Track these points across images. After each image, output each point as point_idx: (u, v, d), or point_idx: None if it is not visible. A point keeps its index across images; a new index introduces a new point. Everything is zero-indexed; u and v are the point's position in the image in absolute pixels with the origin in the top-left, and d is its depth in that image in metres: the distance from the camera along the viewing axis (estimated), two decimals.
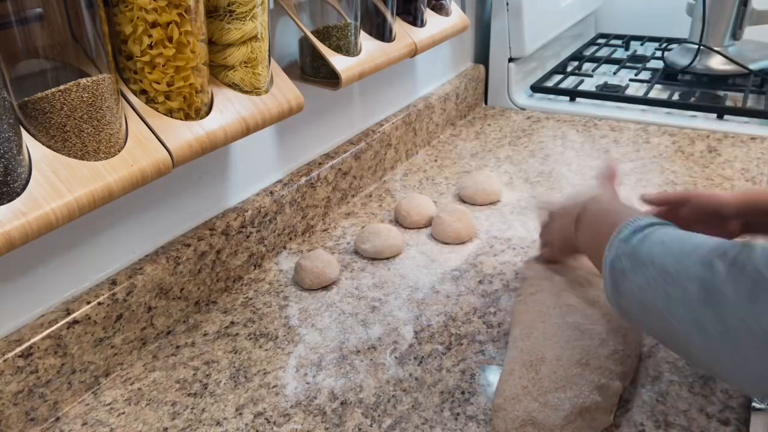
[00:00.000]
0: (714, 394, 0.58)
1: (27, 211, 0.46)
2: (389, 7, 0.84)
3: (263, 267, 0.82)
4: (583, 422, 0.52)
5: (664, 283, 0.45)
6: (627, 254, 0.50)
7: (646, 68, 1.42)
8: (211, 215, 0.76)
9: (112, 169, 0.51)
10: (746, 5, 1.31)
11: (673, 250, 0.47)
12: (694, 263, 0.44)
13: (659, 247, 0.48)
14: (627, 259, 0.49)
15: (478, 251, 0.83)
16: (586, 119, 1.24)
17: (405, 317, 0.71)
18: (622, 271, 0.50)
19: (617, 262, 0.50)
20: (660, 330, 0.47)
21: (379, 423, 0.57)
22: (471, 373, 0.62)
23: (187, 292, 0.71)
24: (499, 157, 1.11)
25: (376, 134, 1.01)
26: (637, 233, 0.51)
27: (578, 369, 0.55)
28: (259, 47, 0.62)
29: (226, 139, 0.61)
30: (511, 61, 1.31)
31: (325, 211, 0.92)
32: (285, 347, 0.67)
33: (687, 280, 0.44)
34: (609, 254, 0.51)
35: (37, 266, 0.58)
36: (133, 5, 0.51)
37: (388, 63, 0.84)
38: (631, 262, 0.49)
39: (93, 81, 0.49)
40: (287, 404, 0.60)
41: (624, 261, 0.50)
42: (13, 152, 0.45)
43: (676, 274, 0.45)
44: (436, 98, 1.17)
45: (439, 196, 0.98)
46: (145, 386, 0.63)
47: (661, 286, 0.46)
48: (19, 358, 0.55)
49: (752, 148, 1.07)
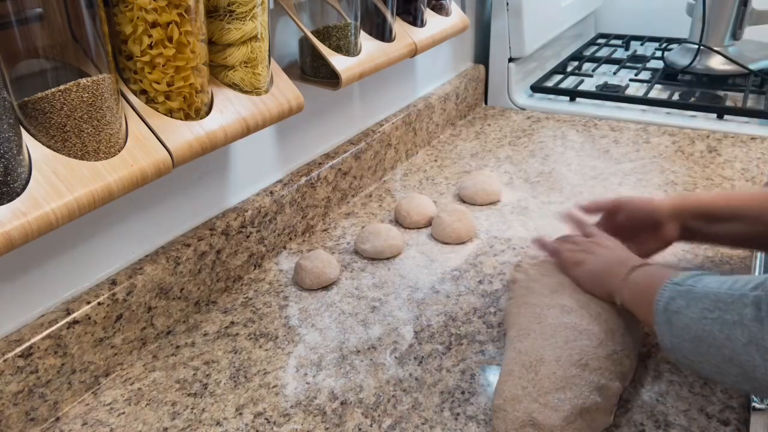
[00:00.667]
0: (714, 394, 0.58)
1: (27, 211, 0.46)
2: (389, 7, 0.84)
3: (263, 267, 0.82)
4: (583, 423, 0.52)
5: (720, 312, 0.46)
6: (682, 293, 0.50)
7: (646, 68, 1.42)
8: (211, 215, 0.76)
9: (112, 169, 0.51)
10: (746, 5, 1.31)
11: (729, 281, 0.48)
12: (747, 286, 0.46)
13: (714, 282, 0.49)
14: (682, 298, 0.50)
15: (478, 251, 0.83)
16: (586, 119, 1.24)
17: (405, 317, 0.71)
18: (677, 310, 0.50)
19: (671, 303, 0.51)
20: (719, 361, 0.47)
21: (379, 423, 0.57)
22: (471, 373, 0.62)
23: (187, 292, 0.71)
24: (499, 157, 1.11)
25: (376, 134, 1.01)
26: (690, 278, 0.52)
27: (577, 370, 0.55)
28: (259, 47, 0.62)
29: (226, 139, 0.61)
30: (511, 61, 1.31)
31: (325, 211, 0.92)
32: (285, 347, 0.67)
33: (741, 303, 0.45)
34: (662, 298, 0.52)
35: (37, 266, 0.58)
36: (133, 5, 0.51)
37: (388, 63, 0.84)
38: (686, 300, 0.50)
39: (93, 81, 0.49)
40: (287, 404, 0.60)
41: (679, 300, 0.50)
42: (13, 152, 0.45)
43: (731, 300, 0.46)
44: (436, 98, 1.17)
45: (439, 196, 0.98)
46: (145, 386, 0.63)
47: (717, 314, 0.47)
48: (19, 358, 0.55)
49: (752, 148, 1.07)
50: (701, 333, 0.47)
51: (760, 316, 0.44)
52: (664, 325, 0.51)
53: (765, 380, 0.44)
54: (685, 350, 0.50)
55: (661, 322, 0.51)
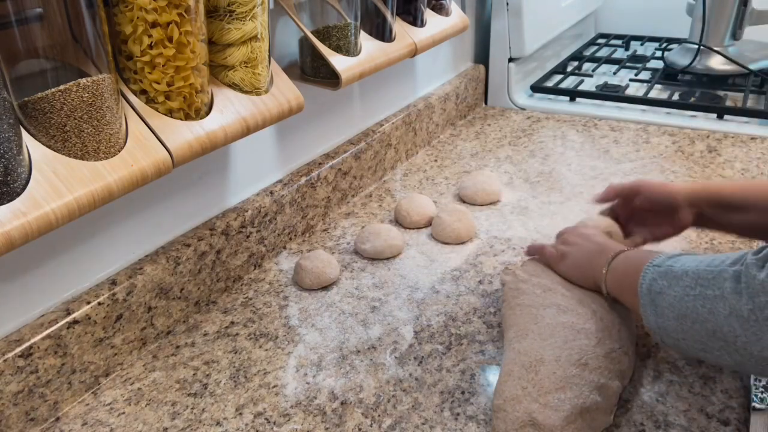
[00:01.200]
0: (714, 394, 0.58)
1: (27, 211, 0.46)
2: (389, 7, 0.84)
3: (263, 267, 0.82)
4: (584, 423, 0.52)
5: (701, 288, 0.48)
6: (662, 274, 0.52)
7: (646, 68, 1.42)
8: (211, 215, 0.76)
9: (112, 169, 0.51)
10: (746, 5, 1.31)
11: (707, 260, 0.50)
12: (726, 262, 0.48)
13: (692, 261, 0.51)
14: (663, 278, 0.52)
15: (478, 251, 0.83)
16: (586, 119, 1.24)
17: (405, 317, 0.71)
18: (660, 291, 0.52)
19: (654, 284, 0.52)
20: (702, 336, 0.48)
21: (379, 423, 0.57)
22: (471, 373, 0.62)
23: (187, 292, 0.71)
24: (499, 157, 1.11)
25: (376, 134, 1.01)
26: (668, 259, 0.53)
27: (577, 369, 0.55)
28: (259, 47, 0.62)
29: (226, 139, 0.61)
30: (511, 61, 1.31)
31: (325, 211, 0.92)
32: (285, 347, 0.67)
33: (721, 278, 0.47)
34: (644, 280, 0.53)
35: (37, 266, 0.58)
36: (133, 5, 0.51)
37: (388, 63, 0.84)
38: (667, 280, 0.51)
39: (93, 81, 0.49)
40: (287, 404, 0.60)
41: (660, 281, 0.52)
42: (13, 152, 0.45)
43: (711, 276, 0.48)
44: (436, 98, 1.17)
45: (439, 196, 0.98)
46: (145, 386, 0.63)
47: (699, 291, 0.48)
48: (19, 358, 0.55)
49: (752, 148, 1.07)
50: (685, 310, 0.49)
51: (738, 288, 0.45)
52: (649, 306, 0.53)
53: (745, 350, 0.45)
54: (671, 329, 0.51)
55: (646, 304, 0.53)
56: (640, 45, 1.60)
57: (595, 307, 0.61)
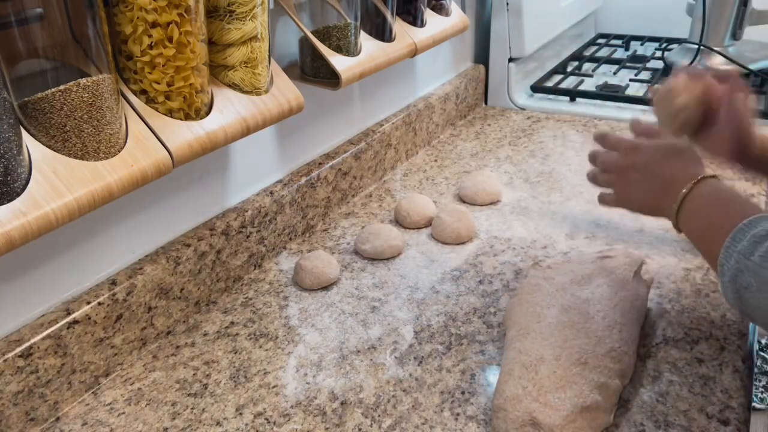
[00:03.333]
0: (714, 394, 0.58)
1: (27, 211, 0.46)
2: (389, 7, 0.84)
3: (263, 267, 0.82)
4: (584, 422, 0.52)
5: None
6: (751, 272, 0.49)
7: (646, 68, 1.42)
8: (211, 215, 0.76)
9: (112, 169, 0.51)
10: (746, 5, 1.31)
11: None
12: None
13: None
14: (751, 277, 0.49)
15: (478, 251, 0.83)
16: (586, 119, 1.24)
17: (405, 317, 0.71)
18: (747, 287, 0.50)
19: (740, 277, 0.50)
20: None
21: (379, 423, 0.57)
22: (471, 373, 0.62)
23: (187, 292, 0.71)
24: (499, 157, 1.11)
25: (376, 134, 1.01)
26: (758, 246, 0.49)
27: (577, 368, 0.55)
28: (259, 47, 0.62)
29: (226, 139, 0.61)
30: (511, 61, 1.31)
31: (325, 211, 0.92)
32: (285, 347, 0.67)
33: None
34: (727, 264, 0.51)
35: (37, 266, 0.58)
36: (133, 5, 0.51)
37: (388, 63, 0.84)
38: (757, 282, 0.49)
39: (93, 81, 0.49)
40: (287, 404, 0.60)
41: (748, 277, 0.49)
42: (13, 152, 0.45)
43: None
44: (436, 98, 1.17)
45: (439, 196, 0.98)
46: (145, 386, 0.63)
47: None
48: (19, 358, 0.55)
49: None
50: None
51: None
52: (732, 292, 0.51)
53: None
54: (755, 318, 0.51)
55: (728, 288, 0.51)
56: (640, 45, 1.60)
57: (600, 307, 0.61)
